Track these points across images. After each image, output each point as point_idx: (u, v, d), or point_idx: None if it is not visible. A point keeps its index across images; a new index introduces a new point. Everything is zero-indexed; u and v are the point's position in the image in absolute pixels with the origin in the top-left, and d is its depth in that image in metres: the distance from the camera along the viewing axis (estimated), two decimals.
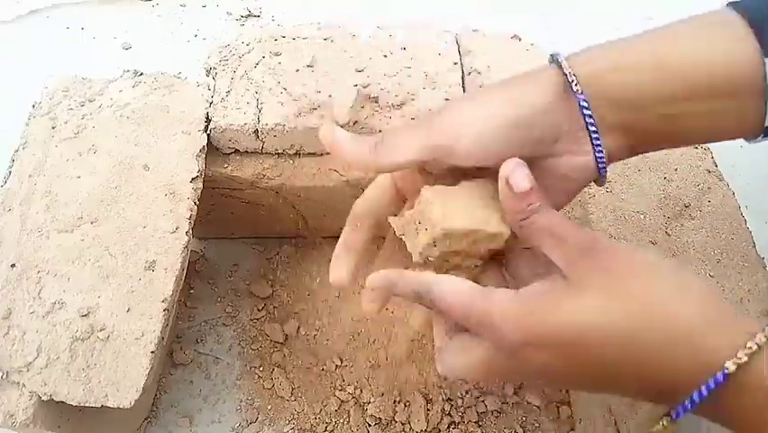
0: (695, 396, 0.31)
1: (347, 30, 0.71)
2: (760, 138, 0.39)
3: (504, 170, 0.35)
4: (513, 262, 0.40)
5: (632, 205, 0.56)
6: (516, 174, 0.35)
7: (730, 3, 0.37)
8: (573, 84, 0.36)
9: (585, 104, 0.37)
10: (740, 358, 0.30)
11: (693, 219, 0.56)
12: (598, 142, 0.37)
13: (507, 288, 0.36)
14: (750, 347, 0.30)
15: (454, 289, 0.35)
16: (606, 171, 0.39)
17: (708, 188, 0.58)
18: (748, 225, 0.56)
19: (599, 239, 0.34)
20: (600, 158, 0.38)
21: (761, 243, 0.55)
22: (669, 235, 0.54)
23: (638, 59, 0.37)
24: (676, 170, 0.59)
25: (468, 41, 0.70)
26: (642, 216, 0.55)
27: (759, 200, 0.77)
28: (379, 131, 0.62)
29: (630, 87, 0.37)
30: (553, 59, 0.38)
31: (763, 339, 0.30)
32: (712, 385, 0.30)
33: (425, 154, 0.37)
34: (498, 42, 0.70)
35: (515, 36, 0.73)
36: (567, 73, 0.37)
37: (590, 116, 0.37)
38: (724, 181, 0.59)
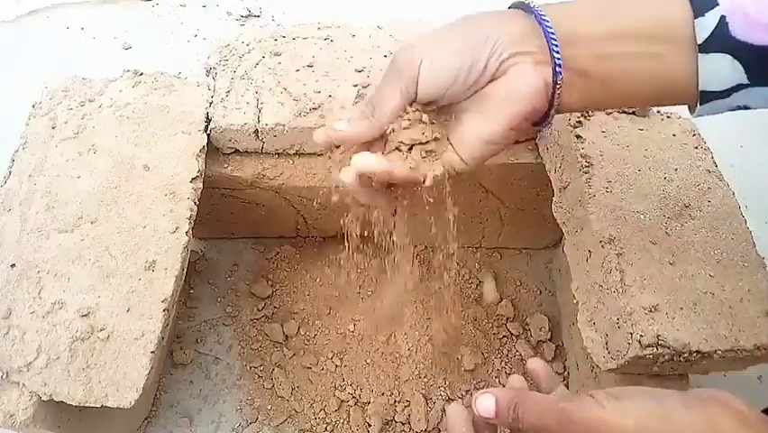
0: None
1: (347, 30, 0.71)
2: (697, 109, 0.41)
3: (473, 404, 0.39)
4: None
5: (632, 205, 0.56)
6: (479, 403, 0.38)
7: None
8: (532, 5, 0.41)
9: (543, 14, 0.40)
10: None
11: (693, 219, 0.56)
12: (556, 45, 0.40)
13: None
14: None
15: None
16: (559, 87, 0.41)
17: (708, 188, 0.58)
18: (748, 225, 0.56)
19: (581, 419, 0.35)
20: (557, 60, 0.41)
21: (761, 243, 0.55)
22: (669, 235, 0.54)
23: (582, 9, 0.41)
24: (676, 170, 0.59)
25: None
26: (642, 216, 0.55)
27: (759, 200, 0.77)
28: None
29: (570, 27, 0.40)
30: (519, 5, 0.43)
31: None
32: None
33: (409, 99, 0.42)
34: None
35: None
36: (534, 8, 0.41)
37: (546, 20, 0.40)
38: (724, 181, 0.59)
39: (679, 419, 0.33)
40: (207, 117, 0.61)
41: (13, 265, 0.50)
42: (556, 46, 0.40)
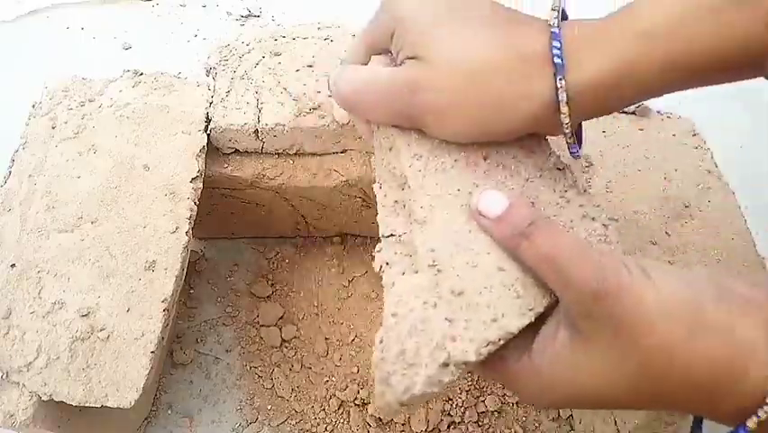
0: None
1: (347, 30, 0.71)
2: None
3: (472, 203, 0.34)
4: None
5: (632, 205, 0.56)
6: (484, 199, 0.33)
7: None
8: (562, 105, 0.35)
9: (569, 131, 0.36)
10: (760, 416, 0.28)
11: (693, 219, 0.56)
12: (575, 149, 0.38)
13: None
14: None
15: None
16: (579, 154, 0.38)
17: (708, 188, 0.58)
18: (748, 225, 0.56)
19: (610, 282, 0.29)
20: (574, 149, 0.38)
21: (761, 243, 0.55)
22: (669, 235, 0.54)
23: (650, 67, 0.34)
24: (676, 170, 0.59)
25: None
26: (642, 216, 0.55)
27: (759, 200, 0.77)
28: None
29: (634, 93, 0.35)
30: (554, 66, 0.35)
31: None
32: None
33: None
34: None
35: None
36: (560, 98, 0.35)
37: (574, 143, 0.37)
38: (724, 181, 0.59)
39: (707, 318, 0.28)
40: (207, 117, 0.61)
41: (13, 265, 0.50)
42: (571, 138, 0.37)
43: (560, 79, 0.34)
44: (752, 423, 0.28)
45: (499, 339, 0.31)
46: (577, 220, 0.36)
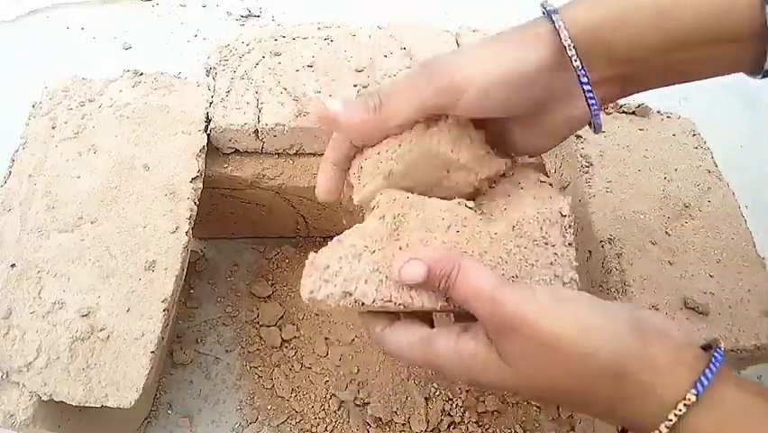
0: None
1: (347, 30, 0.71)
2: (760, 76, 0.38)
3: (394, 271, 0.36)
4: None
5: (632, 205, 0.56)
6: (404, 272, 0.35)
7: None
8: (569, 48, 0.37)
9: (582, 72, 0.37)
10: (670, 420, 0.31)
11: (693, 219, 0.56)
12: (593, 101, 0.38)
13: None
14: (680, 410, 0.31)
15: (404, 342, 0.37)
16: (600, 120, 0.40)
17: (708, 188, 0.58)
18: (748, 225, 0.56)
19: (513, 316, 0.33)
20: (595, 112, 0.39)
21: (761, 243, 0.55)
22: (669, 235, 0.54)
23: (640, 14, 0.37)
24: (676, 170, 0.59)
25: (468, 40, 0.70)
26: (642, 216, 0.55)
27: (759, 200, 0.77)
28: None
29: (631, 41, 0.37)
30: (547, 14, 0.38)
31: (691, 398, 0.31)
32: None
33: (429, 110, 0.37)
34: None
35: None
36: (563, 37, 0.37)
37: (588, 83, 0.37)
38: (724, 181, 0.59)
39: (615, 341, 0.32)
40: (207, 117, 0.61)
41: (13, 265, 0.50)
42: (593, 99, 0.38)
43: (557, 19, 0.37)
44: (663, 429, 0.31)
45: (401, 305, 0.36)
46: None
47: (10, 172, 0.57)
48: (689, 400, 0.31)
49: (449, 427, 0.63)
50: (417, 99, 0.37)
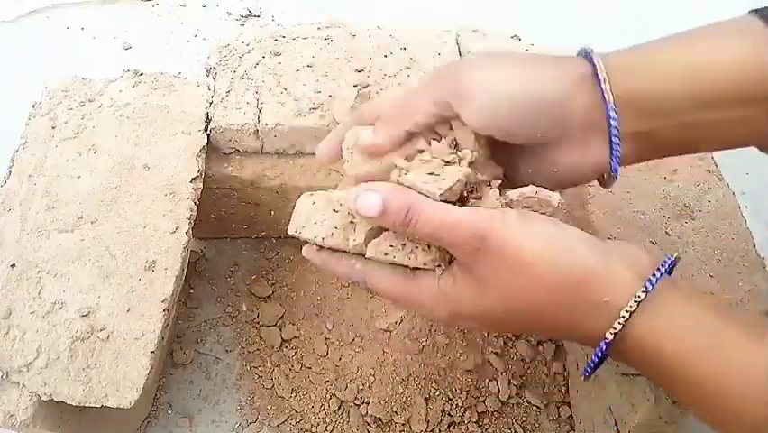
0: (590, 363, 0.36)
1: (347, 30, 0.71)
2: None
3: (350, 202, 0.36)
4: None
5: (632, 205, 0.56)
6: (360, 202, 0.35)
7: (752, 10, 0.37)
8: (604, 81, 0.36)
9: (613, 109, 0.36)
10: (615, 329, 0.34)
11: (693, 219, 0.56)
12: (617, 141, 0.37)
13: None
14: (623, 316, 0.33)
15: (386, 277, 0.38)
16: (617, 166, 0.39)
17: (708, 188, 0.58)
18: (748, 225, 0.56)
19: (487, 235, 0.34)
20: (615, 153, 0.38)
21: (761, 243, 0.55)
22: (669, 235, 0.54)
23: (670, 68, 0.36)
24: (676, 170, 0.59)
25: (468, 40, 0.70)
26: (642, 216, 0.55)
27: (759, 200, 0.77)
28: None
29: (659, 94, 0.36)
30: (585, 54, 0.38)
31: (633, 305, 0.33)
32: (599, 354, 0.35)
33: (441, 110, 0.38)
34: (498, 42, 0.70)
35: (515, 36, 0.73)
36: (599, 69, 0.36)
37: (615, 119, 0.37)
38: (724, 181, 0.59)
39: (577, 255, 0.34)
40: (207, 117, 0.61)
41: (13, 265, 0.50)
42: (617, 144, 0.37)
43: (595, 56, 0.37)
44: (609, 334, 0.34)
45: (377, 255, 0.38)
46: None
47: (10, 172, 0.57)
48: (630, 307, 0.33)
49: (449, 427, 0.63)
50: (430, 106, 0.38)
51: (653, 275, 0.34)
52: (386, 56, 0.68)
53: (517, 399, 0.65)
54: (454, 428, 0.63)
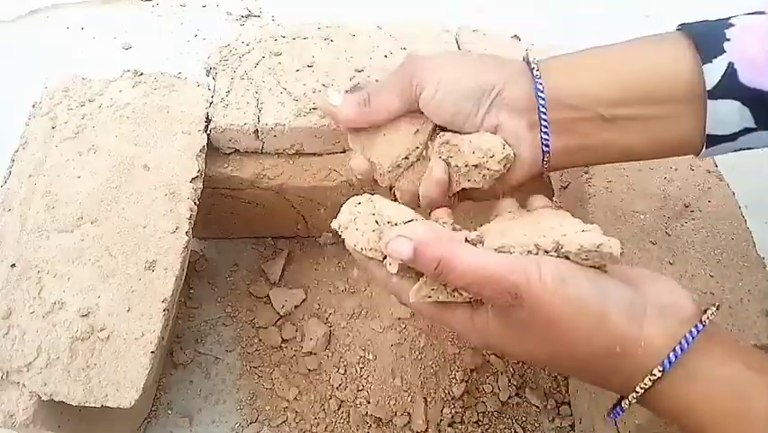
0: (617, 410, 0.36)
1: (347, 30, 0.71)
2: (702, 152, 0.41)
3: (382, 244, 0.37)
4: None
5: (632, 205, 0.56)
6: (391, 248, 0.36)
7: (680, 24, 0.41)
8: (534, 69, 0.41)
9: (539, 81, 0.40)
10: (645, 385, 0.34)
11: (693, 219, 0.56)
12: (545, 117, 0.40)
13: None
14: (638, 391, 0.34)
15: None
16: (549, 143, 0.41)
17: (708, 188, 0.58)
18: (748, 225, 0.56)
19: (522, 294, 0.33)
20: (545, 140, 0.41)
21: (761, 243, 0.55)
22: (669, 235, 0.54)
23: (589, 68, 0.41)
24: (676, 170, 0.59)
25: (468, 40, 0.70)
26: (642, 216, 0.55)
27: (759, 200, 0.77)
28: None
29: (578, 89, 0.40)
30: (524, 58, 0.43)
31: (660, 370, 0.33)
32: (625, 406, 0.36)
33: (405, 105, 0.43)
34: (498, 42, 0.70)
35: (515, 36, 0.73)
36: (533, 67, 0.41)
37: (543, 97, 0.40)
38: (724, 181, 0.59)
39: (610, 324, 0.34)
40: (207, 117, 0.61)
41: (13, 265, 0.50)
42: (545, 120, 0.40)
43: (533, 60, 0.42)
44: (639, 388, 0.34)
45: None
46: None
47: (10, 172, 0.57)
48: (654, 375, 0.33)
49: (449, 427, 0.63)
50: (395, 100, 0.43)
51: (690, 333, 0.34)
52: (386, 56, 0.68)
53: (517, 399, 0.65)
54: (454, 428, 0.63)
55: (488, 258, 0.34)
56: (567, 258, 0.34)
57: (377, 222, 0.39)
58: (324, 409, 0.64)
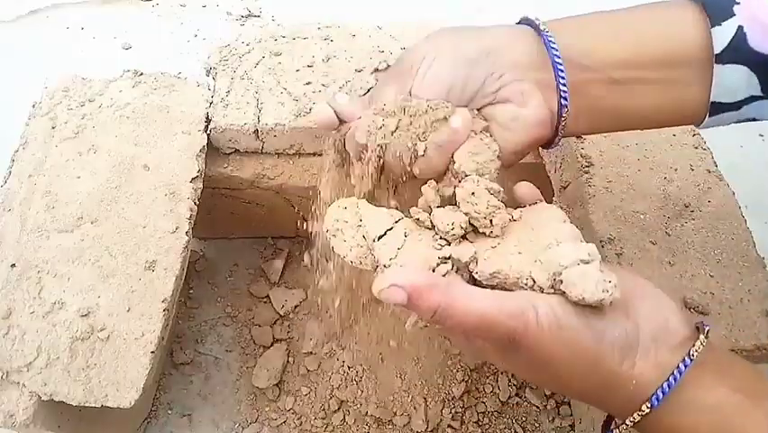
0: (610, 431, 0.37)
1: (347, 30, 0.71)
2: (706, 120, 0.40)
3: (374, 288, 0.35)
4: None
5: (632, 205, 0.56)
6: (384, 295, 0.33)
7: None
8: (544, 29, 0.40)
9: (551, 38, 0.39)
10: (642, 411, 0.34)
11: (693, 219, 0.56)
12: (562, 74, 0.39)
13: None
14: (627, 424, 0.35)
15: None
16: (567, 96, 0.40)
17: (708, 188, 0.58)
18: (748, 225, 0.56)
19: (519, 339, 0.33)
20: (563, 91, 0.39)
21: (761, 243, 0.55)
22: (669, 235, 0.54)
23: (598, 30, 0.40)
24: (676, 170, 0.59)
25: None
26: (642, 216, 0.55)
27: (759, 200, 0.77)
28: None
29: (587, 51, 0.39)
30: (526, 20, 0.42)
31: (653, 403, 0.33)
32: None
33: (397, 91, 0.41)
34: None
35: None
36: (541, 25, 0.40)
37: (554, 46, 0.39)
38: (724, 181, 0.59)
39: (604, 365, 0.33)
40: (207, 117, 0.61)
41: (13, 265, 0.50)
42: (563, 77, 0.39)
43: (539, 20, 0.40)
44: (636, 415, 0.34)
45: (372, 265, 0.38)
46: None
47: (10, 172, 0.57)
48: (642, 411, 0.34)
49: (449, 427, 0.63)
50: (391, 92, 0.41)
51: (678, 368, 0.34)
52: (386, 57, 0.68)
53: (517, 399, 0.65)
54: (454, 428, 0.63)
55: (484, 304, 0.33)
56: (563, 293, 0.34)
57: (363, 237, 0.38)
58: (324, 409, 0.64)
